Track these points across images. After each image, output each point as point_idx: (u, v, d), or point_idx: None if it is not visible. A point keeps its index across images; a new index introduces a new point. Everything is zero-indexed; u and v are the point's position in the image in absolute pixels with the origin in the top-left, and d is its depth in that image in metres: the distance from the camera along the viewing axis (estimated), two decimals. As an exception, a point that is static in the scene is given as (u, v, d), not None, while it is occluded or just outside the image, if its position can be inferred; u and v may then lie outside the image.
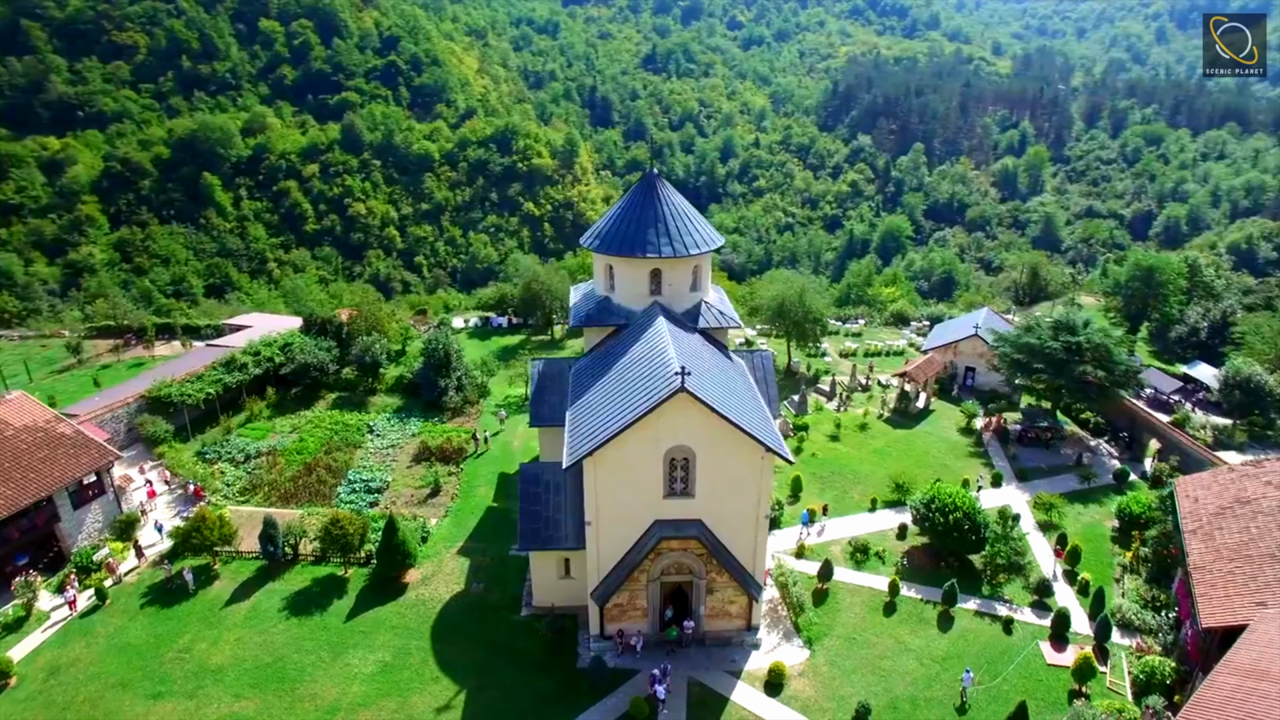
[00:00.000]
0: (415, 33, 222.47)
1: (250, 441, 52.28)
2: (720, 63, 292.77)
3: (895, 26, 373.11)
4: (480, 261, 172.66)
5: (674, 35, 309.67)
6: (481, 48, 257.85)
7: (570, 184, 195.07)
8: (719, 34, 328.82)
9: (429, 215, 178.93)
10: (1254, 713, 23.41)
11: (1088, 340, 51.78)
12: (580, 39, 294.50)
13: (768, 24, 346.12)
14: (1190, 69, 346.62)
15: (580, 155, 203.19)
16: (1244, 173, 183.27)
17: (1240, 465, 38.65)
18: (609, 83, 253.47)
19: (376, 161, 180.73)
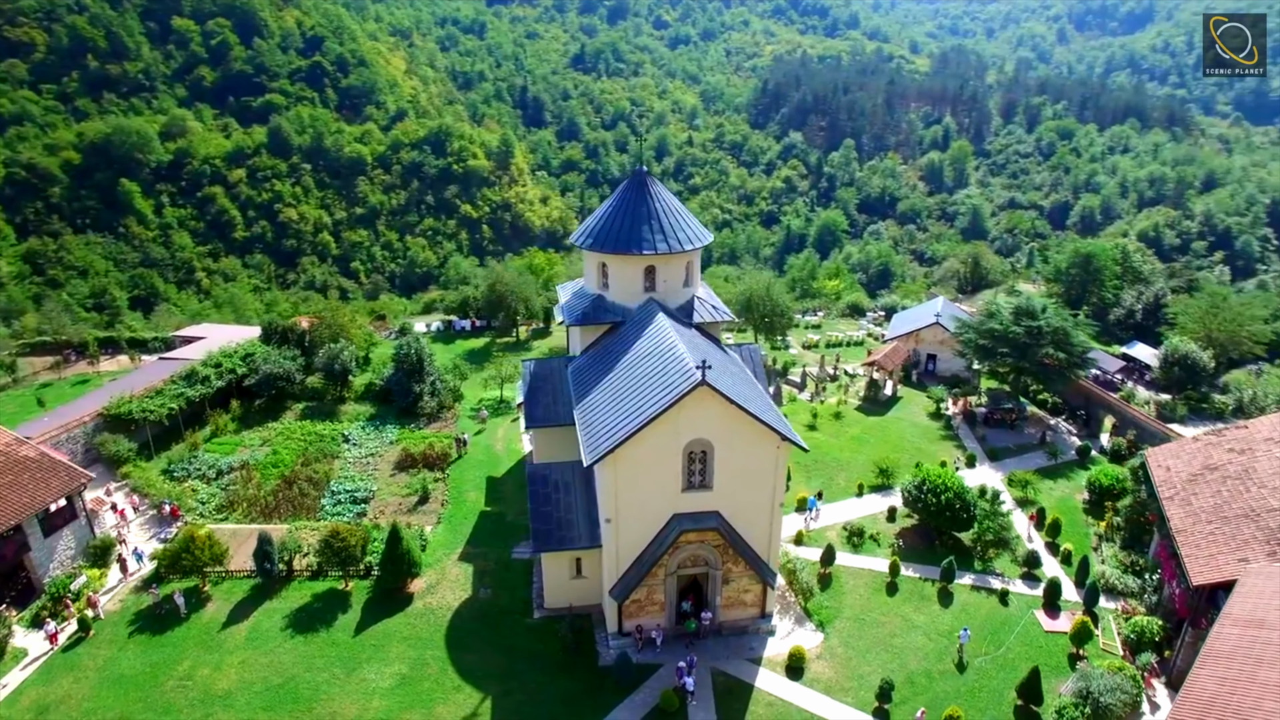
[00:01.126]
0: (340, 33, 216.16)
1: (219, 457, 50.13)
2: (649, 62, 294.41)
3: (817, 26, 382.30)
4: (419, 265, 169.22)
5: (601, 35, 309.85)
6: (407, 48, 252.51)
7: (507, 185, 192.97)
8: (646, 33, 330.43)
9: (364, 220, 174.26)
10: (1261, 658, 25.16)
11: (1047, 324, 54.42)
12: (508, 39, 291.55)
13: (693, 23, 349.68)
14: (1089, 68, 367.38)
15: (516, 156, 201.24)
16: (1146, 165, 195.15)
17: (1203, 435, 41.33)
18: (540, 83, 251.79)
19: (307, 165, 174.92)
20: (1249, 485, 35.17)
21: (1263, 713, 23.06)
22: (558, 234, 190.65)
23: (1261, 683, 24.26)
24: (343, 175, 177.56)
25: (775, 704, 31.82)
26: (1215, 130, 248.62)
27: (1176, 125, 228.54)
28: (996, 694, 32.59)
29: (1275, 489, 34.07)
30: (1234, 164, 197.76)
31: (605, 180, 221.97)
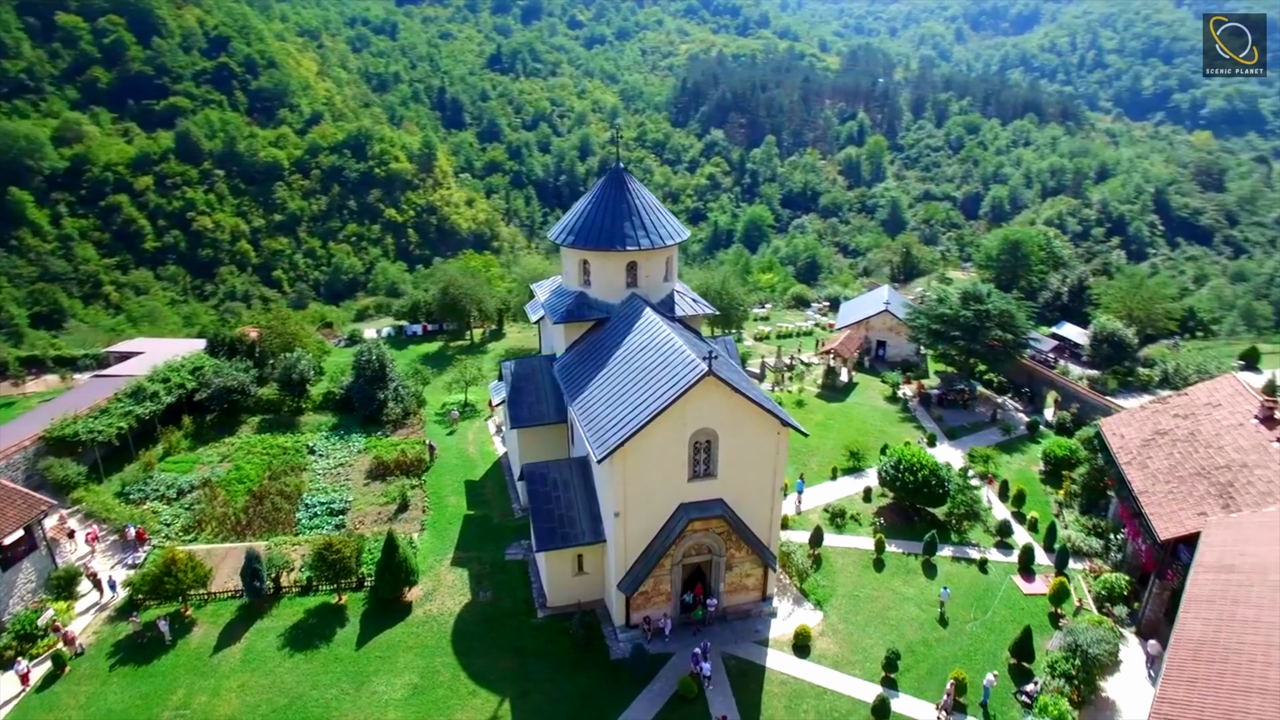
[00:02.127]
0: (246, 33, 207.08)
1: (177, 476, 47.75)
2: (566, 62, 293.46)
3: (729, 25, 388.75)
4: (345, 272, 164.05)
5: (516, 35, 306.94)
6: (317, 49, 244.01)
7: (431, 188, 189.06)
8: (561, 33, 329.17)
9: (284, 227, 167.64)
10: (1236, 599, 27.47)
11: (994, 307, 57.42)
12: (421, 39, 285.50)
13: (608, 23, 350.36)
14: (986, 65, 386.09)
15: (439, 159, 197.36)
16: (1047, 157, 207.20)
17: (1149, 403, 44.57)
18: (458, 84, 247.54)
19: (220, 171, 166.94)
20: (1196, 447, 38.15)
21: (1246, 646, 25.21)
22: (485, 236, 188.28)
23: (1240, 620, 26.50)
24: (259, 181, 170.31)
25: (788, 682, 32.74)
26: (1103, 125, 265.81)
27: (1070, 120, 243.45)
28: (991, 655, 34.42)
29: (1220, 448, 37.07)
30: (1122, 155, 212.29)
31: (530, 181, 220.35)
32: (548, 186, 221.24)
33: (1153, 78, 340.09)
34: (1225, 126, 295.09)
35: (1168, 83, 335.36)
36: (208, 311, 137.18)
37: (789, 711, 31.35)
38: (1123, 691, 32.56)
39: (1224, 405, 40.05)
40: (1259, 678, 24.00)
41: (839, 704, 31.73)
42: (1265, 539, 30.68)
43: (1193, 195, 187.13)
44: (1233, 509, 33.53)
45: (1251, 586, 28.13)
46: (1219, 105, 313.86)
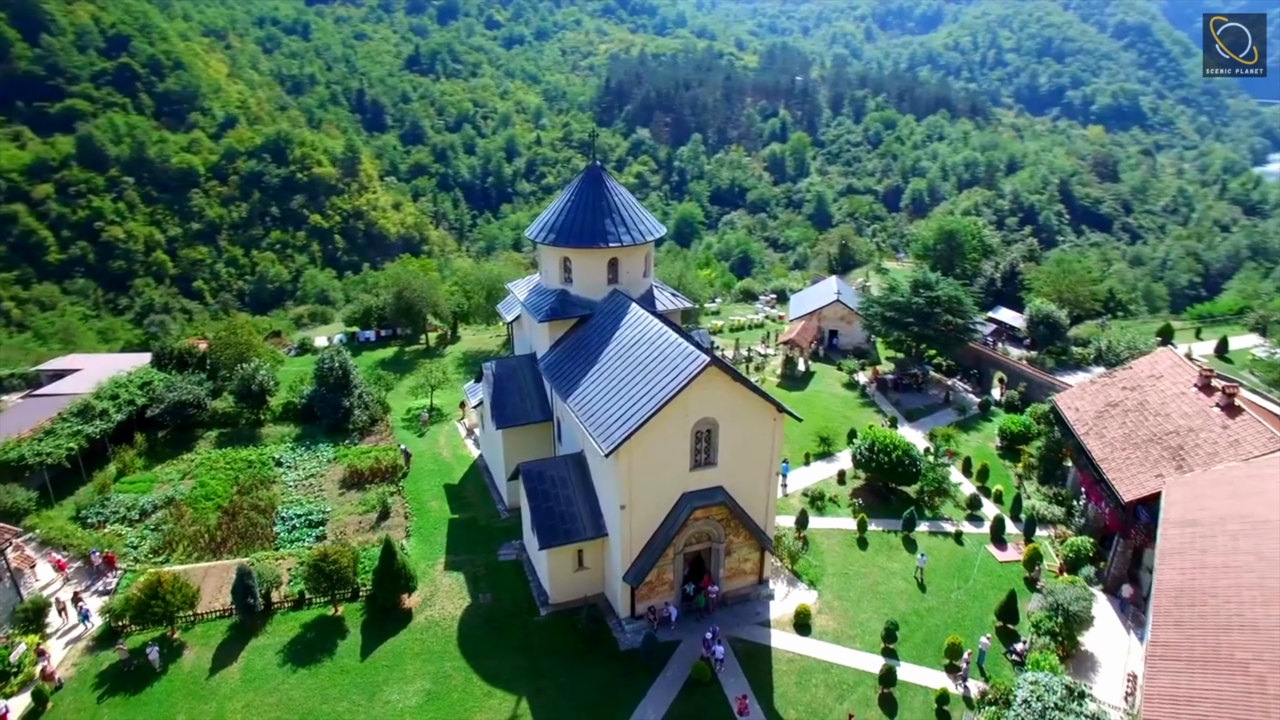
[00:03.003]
0: (148, 31, 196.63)
1: (137, 496, 45.55)
2: (486, 62, 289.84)
3: (647, 24, 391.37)
4: (270, 281, 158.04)
5: (434, 36, 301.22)
6: (224, 50, 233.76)
7: (357, 193, 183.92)
8: (479, 34, 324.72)
9: (203, 235, 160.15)
10: (1204, 549, 29.91)
11: (944, 293, 60.18)
12: (335, 40, 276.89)
13: (526, 23, 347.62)
14: (895, 63, 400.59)
15: (363, 162, 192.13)
16: (960, 151, 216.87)
17: (1098, 378, 47.68)
18: (377, 86, 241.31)
19: (129, 178, 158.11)
20: (1146, 415, 41.15)
21: (1220, 589, 27.54)
22: (414, 240, 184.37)
23: (1211, 567, 28.92)
24: (173, 188, 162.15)
25: (795, 659, 33.84)
26: (1008, 120, 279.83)
27: (979, 115, 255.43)
28: (978, 620, 36.36)
29: (1168, 416, 40.08)
30: (1029, 148, 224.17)
31: (456, 184, 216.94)
32: (475, 189, 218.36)
33: (1048, 75, 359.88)
34: (1113, 121, 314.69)
35: (1061, 80, 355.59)
36: (125, 326, 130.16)
37: (800, 687, 32.42)
38: (1100, 644, 34.94)
39: (1165, 377, 43.29)
40: (1236, 615, 26.33)
41: (845, 676, 33.00)
42: (1219, 494, 33.45)
43: (1092, 185, 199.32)
44: (1185, 469, 36.35)
45: (1215, 537, 30.70)
46: (1106, 102, 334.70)
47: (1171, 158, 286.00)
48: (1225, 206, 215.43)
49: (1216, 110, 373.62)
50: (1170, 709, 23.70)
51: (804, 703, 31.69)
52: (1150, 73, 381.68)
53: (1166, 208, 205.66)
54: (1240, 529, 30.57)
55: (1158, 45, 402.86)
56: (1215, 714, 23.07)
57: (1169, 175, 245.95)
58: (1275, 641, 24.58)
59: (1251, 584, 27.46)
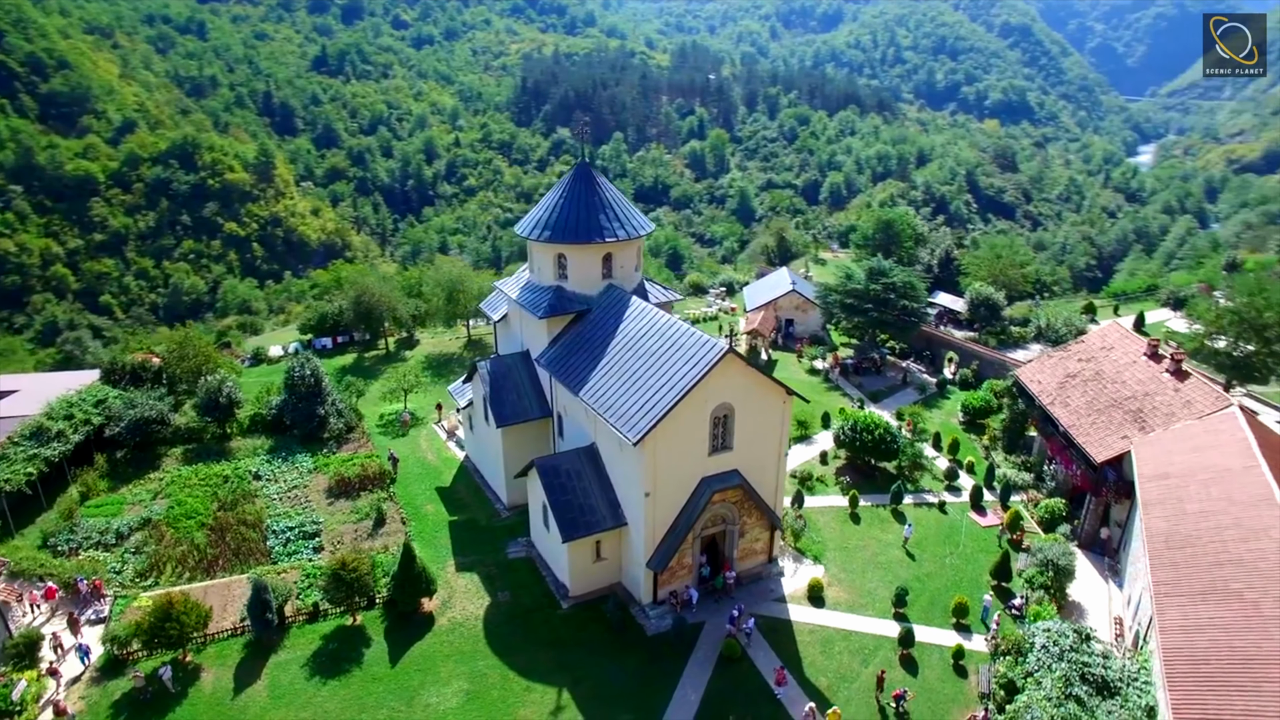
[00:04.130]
0: (24, 27, 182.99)
1: (109, 519, 43.20)
2: (397, 63, 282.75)
3: (556, 24, 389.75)
4: (186, 293, 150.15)
5: (341, 36, 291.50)
6: (112, 48, 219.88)
7: (273, 199, 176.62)
8: (387, 34, 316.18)
9: (107, 247, 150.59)
10: (1180, 498, 32.93)
11: (899, 280, 63.21)
12: (235, 40, 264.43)
13: (434, 23, 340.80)
14: (801, 60, 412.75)
15: (278, 167, 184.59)
16: (872, 145, 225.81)
17: (1054, 352, 51.24)
18: (285, 88, 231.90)
19: (17, 187, 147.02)
20: (1104, 384, 44.63)
21: (1202, 531, 30.41)
22: (337, 247, 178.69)
23: (1190, 512, 31.88)
24: (69, 197, 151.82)
25: (815, 630, 35.36)
26: (913, 115, 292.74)
27: (885, 110, 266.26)
28: (974, 581, 38.79)
29: (1124, 383, 43.61)
30: (935, 142, 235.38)
31: (376, 187, 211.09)
32: (395, 192, 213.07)
33: (944, 72, 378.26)
34: (1005, 115, 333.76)
35: (956, 77, 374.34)
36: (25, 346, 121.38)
37: (825, 655, 33.95)
38: (1084, 593, 37.86)
39: (1116, 348, 47.03)
40: (1221, 552, 29.23)
41: (865, 642, 34.73)
42: (1183, 449, 36.79)
43: (995, 176, 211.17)
44: (1148, 430, 39.74)
45: (1188, 487, 33.85)
46: (998, 98, 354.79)
47: (1059, 149, 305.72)
48: (1110, 194, 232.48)
49: (1093, 105, 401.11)
50: (1183, 637, 26.19)
51: (832, 670, 33.21)
52: (1034, 70, 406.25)
53: (1061, 196, 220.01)
54: (1209, 478, 33.82)
55: (1039, 45, 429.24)
56: (1222, 637, 25.64)
57: (1058, 166, 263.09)
58: (1261, 571, 27.48)
59: (1229, 524, 30.50)
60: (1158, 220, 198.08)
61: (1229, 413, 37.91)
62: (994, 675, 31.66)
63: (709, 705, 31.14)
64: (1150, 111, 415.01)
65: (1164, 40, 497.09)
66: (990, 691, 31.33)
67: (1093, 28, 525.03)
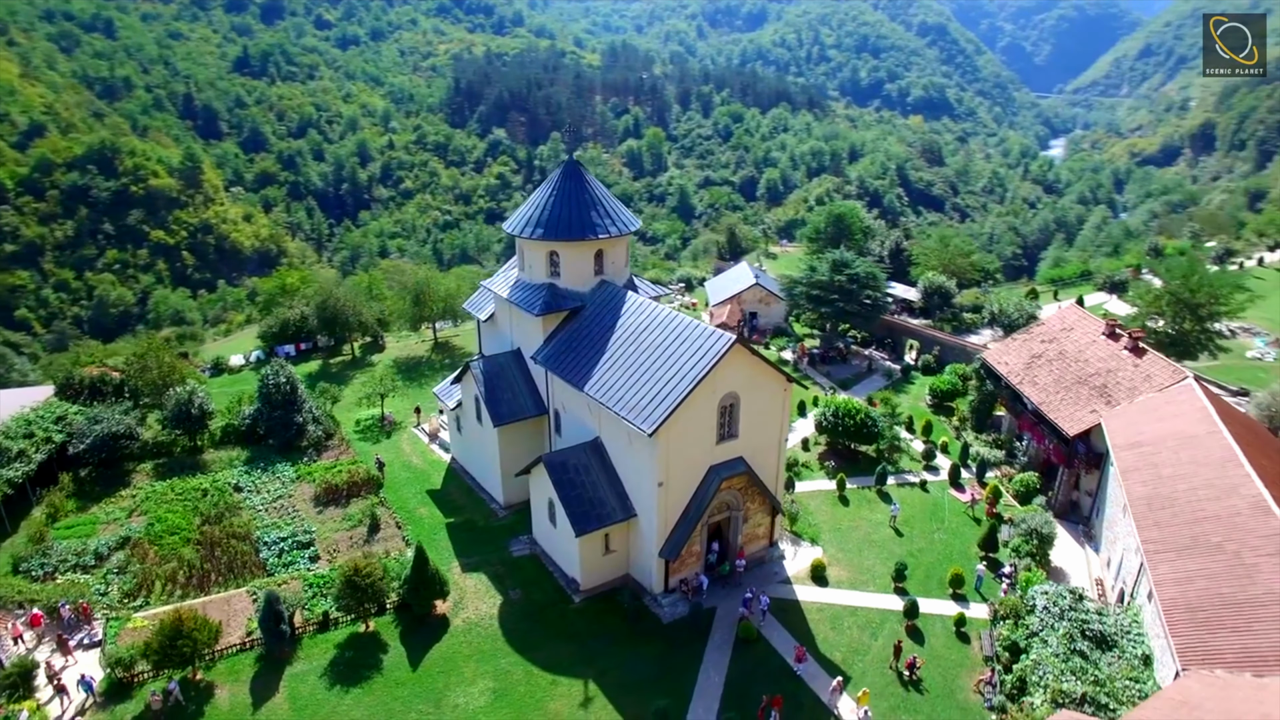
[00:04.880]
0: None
1: (84, 540, 41.35)
2: (323, 64, 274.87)
3: (484, 24, 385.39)
4: (113, 305, 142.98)
5: (262, 36, 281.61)
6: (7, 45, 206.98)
7: (202, 205, 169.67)
8: (310, 34, 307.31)
9: (21, 258, 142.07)
10: (1155, 463, 35.40)
11: (862, 271, 65.40)
12: (148, 39, 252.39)
13: (359, 23, 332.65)
14: (729, 59, 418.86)
15: (206, 172, 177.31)
16: (806, 141, 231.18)
17: (1018, 334, 53.95)
18: (207, 90, 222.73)
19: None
20: (1068, 363, 47.32)
21: (1179, 493, 32.78)
22: (272, 253, 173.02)
23: (1166, 476, 34.28)
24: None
25: (823, 608, 36.60)
26: (841, 111, 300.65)
27: (816, 107, 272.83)
28: (963, 553, 40.73)
29: (1087, 361, 46.31)
30: (866, 137, 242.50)
31: (309, 191, 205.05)
32: (329, 196, 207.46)
33: (867, 70, 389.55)
34: (926, 111, 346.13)
35: (879, 74, 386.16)
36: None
37: (836, 631, 35.21)
38: (1063, 558, 40.15)
39: (1076, 329, 49.90)
40: (1199, 510, 31.59)
41: (871, 616, 36.16)
42: (1150, 419, 39.46)
43: (924, 170, 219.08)
44: (1113, 404, 42.41)
45: (1159, 453, 36.37)
46: (919, 94, 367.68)
47: (979, 144, 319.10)
48: (1030, 186, 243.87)
49: (1006, 102, 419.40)
50: (1176, 588, 28.29)
51: (844, 644, 34.49)
52: (951, 68, 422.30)
53: (985, 188, 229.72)
54: (1177, 444, 36.42)
55: (955, 44, 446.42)
56: (1211, 586, 27.80)
57: (980, 160, 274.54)
58: (1237, 525, 29.88)
59: (1202, 485, 33.00)
60: (1074, 210, 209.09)
61: (1186, 384, 40.85)
62: (997, 639, 33.43)
63: (733, 686, 31.97)
64: (1059, 107, 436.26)
65: (1067, 40, 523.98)
66: (995, 654, 33.07)
67: (1002, 28, 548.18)
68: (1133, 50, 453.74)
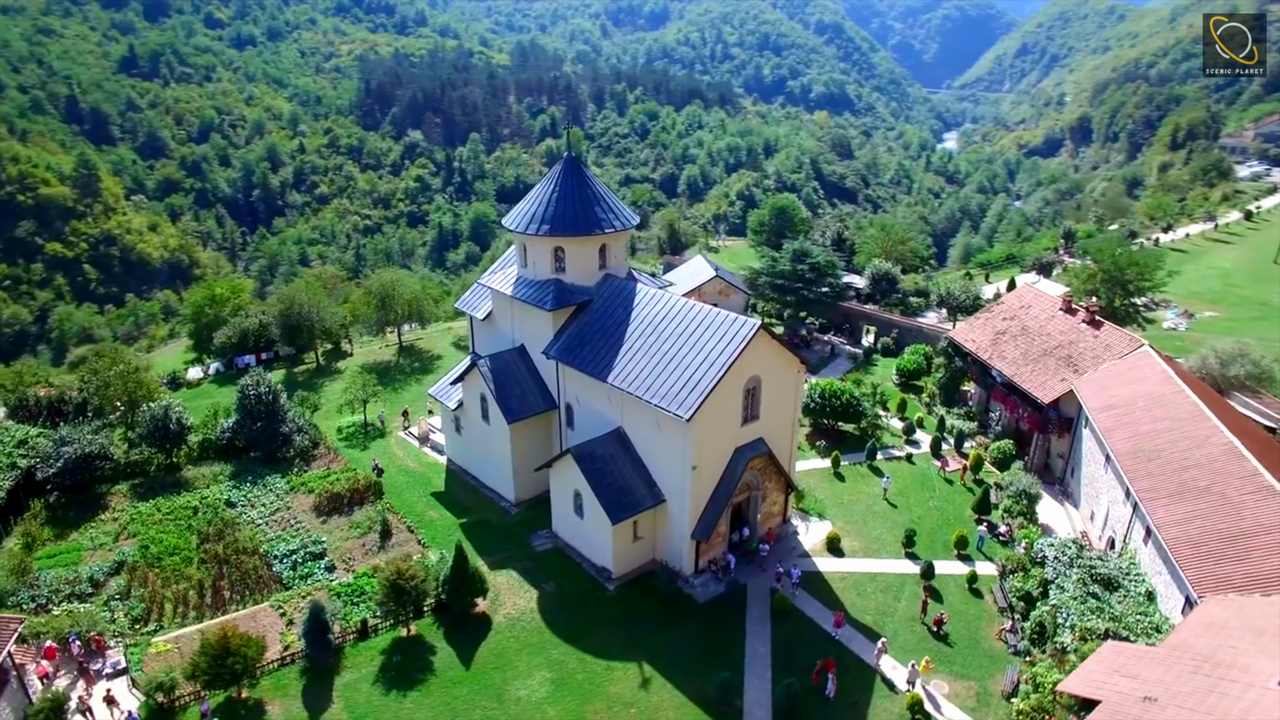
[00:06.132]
0: None
1: (73, 569, 39.07)
2: (220, 65, 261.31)
3: (386, 24, 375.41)
4: (7, 324, 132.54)
5: (148, 35, 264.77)
6: None
7: (103, 215, 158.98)
8: (201, 33, 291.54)
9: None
10: (1132, 421, 38.95)
11: (822, 261, 68.22)
12: (14, 35, 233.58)
13: (254, 21, 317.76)
14: (634, 58, 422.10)
15: (103, 180, 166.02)
16: (721, 138, 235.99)
17: (981, 314, 57.57)
18: (94, 91, 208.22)
19: None
20: (1032, 337, 51.00)
21: (1161, 446, 36.19)
22: (183, 265, 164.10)
23: (1146, 432, 37.72)
24: None
25: (845, 577, 38.56)
26: (752, 108, 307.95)
27: (728, 104, 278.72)
28: (959, 517, 43.51)
29: (1049, 335, 50.02)
30: (779, 132, 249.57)
31: (218, 199, 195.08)
32: (239, 203, 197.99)
33: (770, 67, 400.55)
34: (829, 107, 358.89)
35: (781, 72, 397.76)
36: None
37: (861, 596, 37.19)
38: (1047, 515, 43.43)
39: (1033, 306, 53.81)
40: (1183, 459, 35.01)
41: (891, 581, 38.33)
42: (1117, 384, 43.19)
43: (835, 163, 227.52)
44: (1080, 372, 46.09)
45: (1134, 413, 40.00)
46: (821, 90, 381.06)
47: (880, 138, 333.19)
48: (933, 178, 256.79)
49: (901, 97, 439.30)
50: (1177, 528, 31.41)
51: (871, 608, 36.50)
52: (848, 65, 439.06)
53: (893, 180, 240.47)
54: (1147, 404, 40.12)
55: (851, 41, 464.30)
56: (1207, 524, 30.99)
57: (883, 153, 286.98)
58: (1217, 469, 33.39)
59: (1179, 438, 36.59)
60: (976, 199, 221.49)
61: (1143, 351, 44.86)
62: (1010, 590, 36.12)
63: (780, 654, 33.42)
64: (949, 102, 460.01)
65: (952, 39, 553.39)
66: (1010, 604, 35.75)
67: (893, 26, 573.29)
68: (1011, 49, 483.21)
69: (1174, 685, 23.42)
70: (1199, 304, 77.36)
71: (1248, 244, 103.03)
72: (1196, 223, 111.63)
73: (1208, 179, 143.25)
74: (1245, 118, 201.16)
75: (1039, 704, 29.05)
